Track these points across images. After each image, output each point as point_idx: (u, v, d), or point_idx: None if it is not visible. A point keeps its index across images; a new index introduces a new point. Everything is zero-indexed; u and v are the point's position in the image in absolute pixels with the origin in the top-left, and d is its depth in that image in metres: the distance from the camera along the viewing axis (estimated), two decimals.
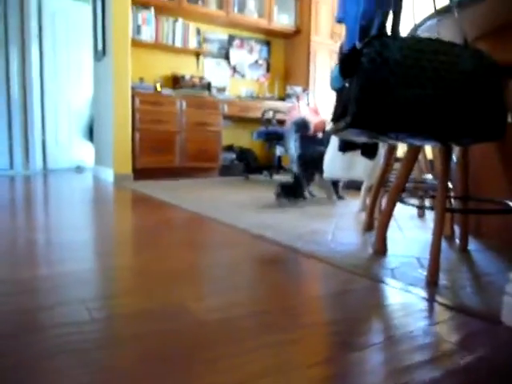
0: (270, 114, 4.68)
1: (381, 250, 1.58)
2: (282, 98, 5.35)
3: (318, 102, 5.00)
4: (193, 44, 4.92)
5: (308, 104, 4.48)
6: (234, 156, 5.19)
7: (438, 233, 1.29)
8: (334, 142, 2.29)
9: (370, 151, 1.70)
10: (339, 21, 1.71)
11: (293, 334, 0.90)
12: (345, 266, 1.41)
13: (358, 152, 2.23)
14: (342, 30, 5.61)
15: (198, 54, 5.10)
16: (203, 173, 4.81)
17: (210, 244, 1.71)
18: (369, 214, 2.06)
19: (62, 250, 1.55)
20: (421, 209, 2.51)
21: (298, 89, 5.48)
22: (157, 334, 0.89)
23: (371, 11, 1.55)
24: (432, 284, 1.21)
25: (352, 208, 2.75)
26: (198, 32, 5.06)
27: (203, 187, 3.87)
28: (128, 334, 0.89)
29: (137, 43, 4.54)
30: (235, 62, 5.42)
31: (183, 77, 4.86)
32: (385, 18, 1.43)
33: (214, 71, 5.25)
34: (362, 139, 1.37)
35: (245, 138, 5.46)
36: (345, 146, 1.79)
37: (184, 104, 4.55)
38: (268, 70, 5.69)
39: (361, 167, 2.21)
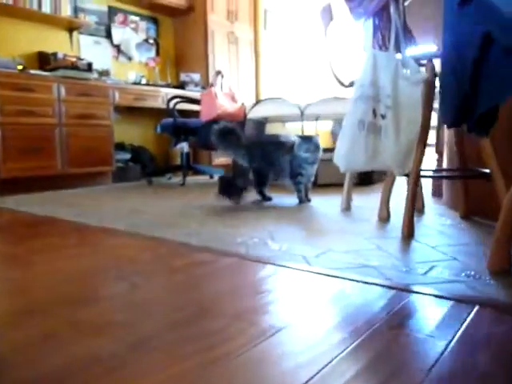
0: (170, 104, 3.79)
1: (409, 234, 1.58)
2: (179, 86, 4.50)
3: (233, 85, 4.29)
4: (66, 12, 3.76)
5: (222, 89, 3.76)
6: (128, 156, 4.19)
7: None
8: (349, 125, 1.66)
9: (484, 126, 1.12)
10: None
11: None
12: None
13: (384, 136, 1.64)
14: (238, 8, 5.01)
15: (71, 29, 3.95)
16: (93, 179, 3.73)
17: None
18: (385, 205, 1.96)
19: None
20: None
21: (196, 76, 4.72)
22: None
23: None
24: None
25: (328, 208, 2.16)
26: None
27: (108, 198, 2.87)
28: None
29: None
30: (119, 40, 4.38)
31: (54, 55, 3.70)
32: None
33: (92, 51, 4.15)
34: None
35: (136, 134, 4.47)
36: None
37: (63, 90, 3.41)
38: (157, 53, 4.77)
39: (388, 155, 1.63)
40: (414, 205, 1.65)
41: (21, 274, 1.25)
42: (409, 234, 1.60)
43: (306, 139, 2.49)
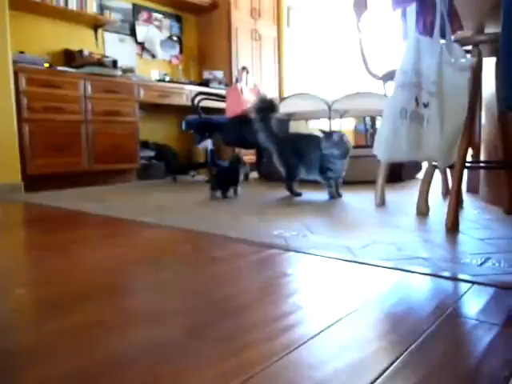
0: (195, 101, 3.76)
1: (454, 227, 1.53)
2: (203, 83, 4.48)
3: (257, 82, 4.26)
4: (91, 9, 3.77)
5: (247, 85, 3.72)
6: (151, 154, 4.18)
7: None
8: (391, 114, 1.60)
9: None
10: None
11: None
12: None
13: (426, 126, 1.58)
14: (261, 6, 4.97)
15: (96, 27, 3.96)
16: (119, 176, 3.73)
17: None
18: (425, 198, 1.87)
19: None
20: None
21: (219, 73, 4.70)
22: None
23: None
24: None
25: (361, 203, 2.10)
26: None
27: (135, 194, 2.86)
28: None
29: (15, 2, 3.25)
30: (143, 38, 4.38)
31: (80, 52, 3.71)
32: None
33: (117, 48, 4.15)
34: None
35: (159, 132, 4.46)
36: None
37: (89, 86, 3.42)
38: (181, 50, 4.76)
39: (432, 145, 1.56)
40: (460, 197, 1.59)
41: (61, 263, 1.22)
42: (453, 226, 1.53)
43: (333, 134, 2.44)
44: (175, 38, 4.69)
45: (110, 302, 0.89)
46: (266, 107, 2.57)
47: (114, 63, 3.81)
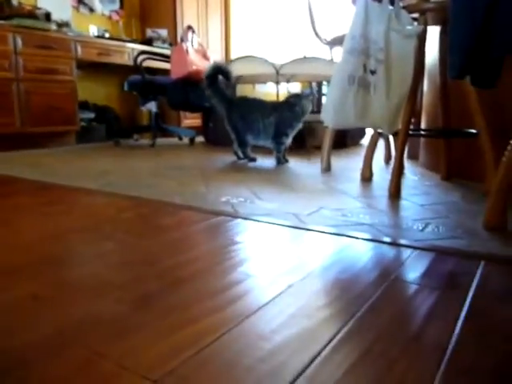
0: (138, 60, 3.56)
1: (396, 193, 1.59)
2: (146, 42, 4.26)
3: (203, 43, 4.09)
4: None
5: (193, 46, 3.58)
6: (92, 116, 3.96)
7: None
8: (339, 80, 1.59)
9: (487, 77, 1.07)
10: None
11: None
12: None
13: (373, 93, 1.59)
14: None
15: None
16: (56, 139, 3.50)
17: None
18: (369, 165, 1.94)
19: None
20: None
21: (163, 32, 4.49)
22: None
23: None
24: None
25: (307, 169, 2.12)
26: None
27: (74, 158, 2.71)
28: None
29: None
30: None
31: (8, 1, 3.37)
32: None
33: (49, 0, 3.82)
34: None
35: (100, 93, 4.23)
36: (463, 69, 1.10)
37: (19, 40, 3.13)
38: (121, 5, 4.47)
39: (378, 113, 1.58)
40: (402, 165, 1.64)
41: None
42: (396, 193, 1.59)
43: (298, 96, 2.44)
44: None
45: (48, 274, 0.84)
46: (219, 74, 2.50)
47: (48, 16, 3.50)
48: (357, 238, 1.08)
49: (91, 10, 4.18)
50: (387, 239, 1.07)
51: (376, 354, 0.56)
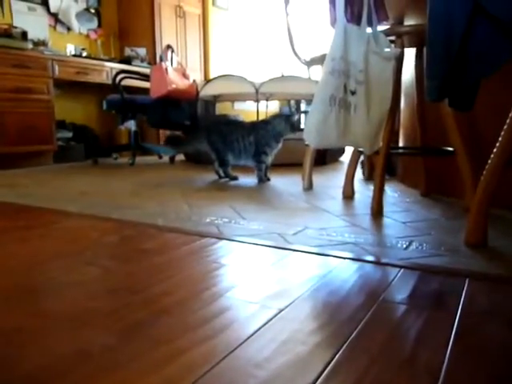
0: (117, 79, 3.55)
1: (378, 211, 1.61)
2: (124, 61, 4.25)
3: (182, 62, 4.11)
4: None
5: (172, 65, 3.59)
6: (69, 135, 3.91)
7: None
8: (320, 100, 1.62)
9: (464, 101, 1.11)
10: None
11: None
12: None
13: (354, 113, 1.62)
14: None
15: None
16: (33, 159, 3.44)
17: None
18: (350, 182, 1.98)
19: None
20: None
21: (142, 50, 4.49)
22: None
23: None
24: None
25: (289, 187, 2.13)
26: None
27: (51, 179, 2.66)
28: None
29: None
30: (56, 8, 4.03)
31: None
32: None
33: (26, 18, 3.78)
34: None
35: (77, 112, 4.18)
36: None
37: None
38: (100, 24, 4.46)
39: (359, 132, 1.61)
40: (384, 182, 1.66)
41: None
42: (378, 210, 1.60)
43: (280, 116, 2.47)
44: (93, 11, 4.38)
45: (31, 304, 0.81)
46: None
47: (24, 35, 3.47)
48: (343, 258, 1.09)
49: (69, 28, 4.16)
50: (373, 258, 1.08)
51: (371, 380, 0.56)
